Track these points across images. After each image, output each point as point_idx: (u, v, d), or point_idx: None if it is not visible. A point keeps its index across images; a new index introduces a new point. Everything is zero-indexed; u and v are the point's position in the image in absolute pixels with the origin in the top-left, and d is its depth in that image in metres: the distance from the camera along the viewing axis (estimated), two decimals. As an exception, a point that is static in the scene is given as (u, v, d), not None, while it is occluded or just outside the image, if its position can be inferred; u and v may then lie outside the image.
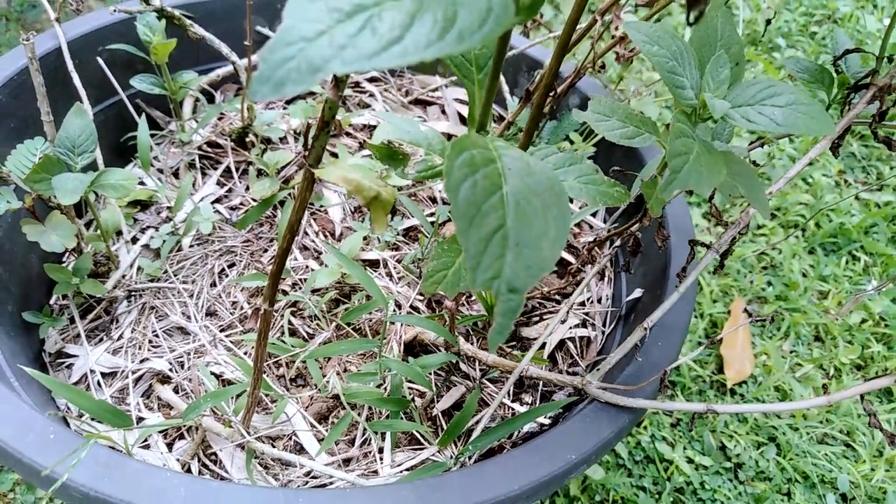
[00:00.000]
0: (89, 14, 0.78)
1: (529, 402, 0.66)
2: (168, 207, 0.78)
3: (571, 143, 0.77)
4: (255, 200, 0.81)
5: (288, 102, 0.92)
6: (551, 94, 0.76)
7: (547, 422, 0.64)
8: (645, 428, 1.26)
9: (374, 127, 0.90)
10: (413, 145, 0.44)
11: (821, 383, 1.27)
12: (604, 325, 0.72)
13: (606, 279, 0.76)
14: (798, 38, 2.00)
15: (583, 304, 0.74)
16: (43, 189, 0.60)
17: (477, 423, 0.62)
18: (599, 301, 0.74)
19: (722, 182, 0.44)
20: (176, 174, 0.84)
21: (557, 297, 0.75)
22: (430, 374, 0.67)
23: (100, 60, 0.77)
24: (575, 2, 0.50)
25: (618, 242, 0.62)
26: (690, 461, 1.13)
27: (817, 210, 1.51)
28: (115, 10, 0.67)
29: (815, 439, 1.17)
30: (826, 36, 1.96)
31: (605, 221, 0.83)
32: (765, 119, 0.43)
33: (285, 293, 0.72)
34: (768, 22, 0.68)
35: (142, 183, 0.82)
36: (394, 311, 0.71)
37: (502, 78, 0.96)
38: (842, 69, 0.58)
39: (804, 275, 1.53)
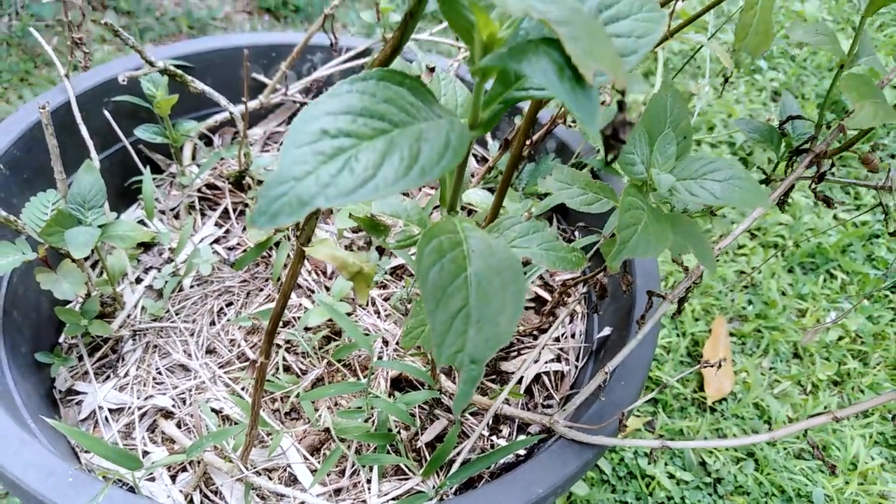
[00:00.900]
0: (96, 67, 0.84)
1: (507, 433, 0.72)
2: (171, 249, 0.83)
3: (545, 196, 0.83)
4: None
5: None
6: (528, 141, 0.81)
7: (523, 452, 0.69)
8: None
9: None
10: (394, 217, 0.49)
11: (798, 399, 1.33)
12: (577, 360, 0.77)
13: (580, 316, 0.81)
14: (779, 59, 2.06)
15: (557, 339, 0.79)
16: (56, 241, 0.66)
17: (458, 454, 0.67)
18: (573, 337, 0.80)
19: (671, 244, 0.50)
20: (176, 215, 0.89)
21: (535, 333, 0.80)
22: (416, 407, 0.72)
23: (106, 113, 0.83)
24: None
25: (586, 287, 0.67)
26: (671, 476, 1.18)
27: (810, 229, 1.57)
28: (124, 80, 0.73)
29: (792, 454, 1.23)
30: (807, 58, 2.02)
31: (580, 257, 0.89)
32: (705, 193, 0.49)
33: (279, 334, 0.77)
34: (726, 79, 0.74)
35: (142, 223, 0.87)
36: (381, 348, 0.76)
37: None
38: (787, 132, 0.63)
39: (783, 293, 1.59)
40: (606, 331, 0.74)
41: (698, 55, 2.06)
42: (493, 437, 0.71)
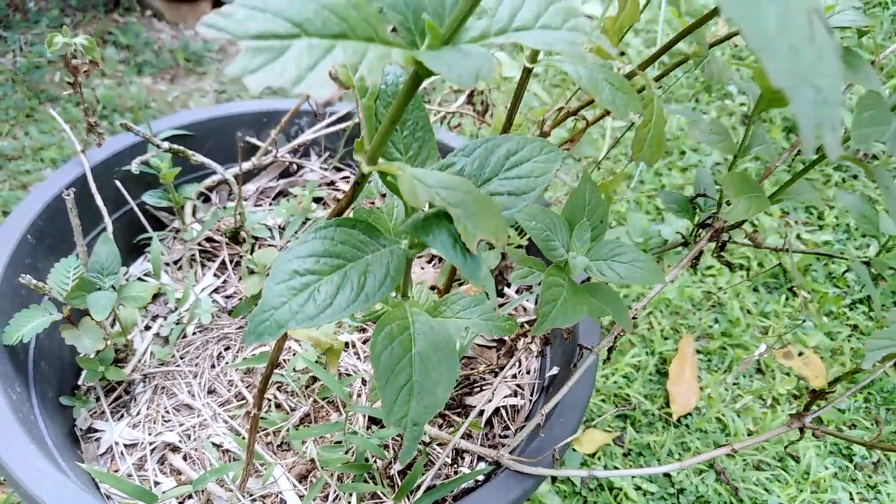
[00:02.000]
0: (108, 140, 0.95)
1: (469, 461, 0.83)
2: (177, 299, 0.94)
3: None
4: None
5: (275, 198, 1.09)
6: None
7: (482, 477, 0.81)
8: (599, 458, 1.44)
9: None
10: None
11: (759, 413, 1.45)
12: (531, 395, 0.89)
13: (535, 353, 0.93)
14: (750, 83, 2.18)
15: (515, 376, 0.91)
16: (79, 304, 0.77)
17: (425, 481, 0.78)
18: (528, 373, 0.91)
19: (590, 308, 0.62)
20: (179, 266, 1.00)
21: (496, 370, 0.92)
22: (390, 440, 0.84)
23: (117, 182, 0.94)
24: (506, 113, 0.68)
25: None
26: (638, 488, 1.30)
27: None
28: (138, 165, 0.84)
29: (752, 465, 1.35)
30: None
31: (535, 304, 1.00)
32: (612, 273, 0.61)
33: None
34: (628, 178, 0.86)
35: (149, 275, 0.99)
36: (360, 387, 0.87)
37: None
38: (698, 206, 0.75)
39: (748, 312, 1.71)
40: (555, 370, 0.86)
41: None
42: (457, 465, 0.82)
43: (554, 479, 1.21)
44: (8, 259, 0.78)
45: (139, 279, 0.99)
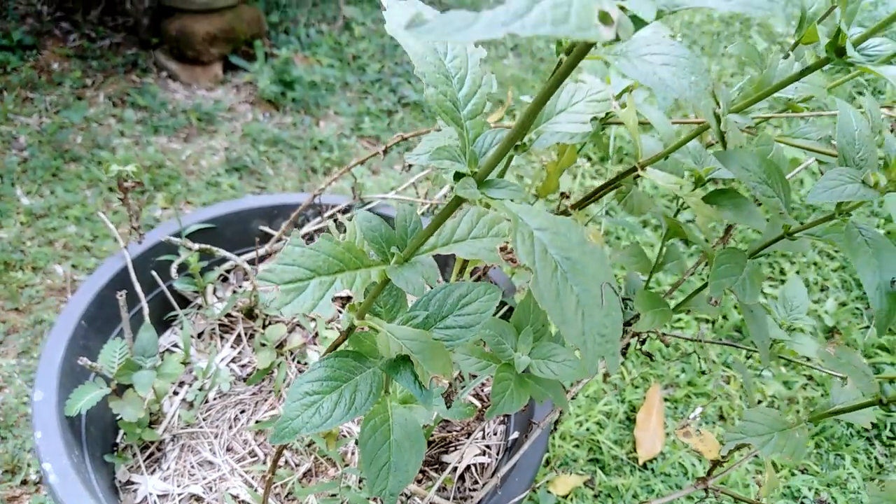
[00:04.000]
0: (147, 235, 1.14)
1: (443, 511, 1.00)
2: (200, 369, 1.12)
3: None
4: (258, 359, 1.15)
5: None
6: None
7: (454, 525, 0.98)
8: (571, 499, 1.62)
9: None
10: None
11: (719, 456, 1.62)
12: (497, 454, 1.06)
13: (500, 419, 1.11)
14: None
15: (484, 437, 1.08)
16: (125, 381, 0.95)
17: (406, 528, 0.95)
18: (496, 434, 1.08)
19: (534, 392, 0.79)
20: (201, 337, 1.18)
21: (470, 431, 1.09)
22: (377, 492, 1.01)
23: (153, 273, 1.13)
24: (460, 264, 0.86)
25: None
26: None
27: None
28: (175, 275, 1.02)
29: (702, 507, 1.51)
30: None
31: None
32: (548, 370, 0.78)
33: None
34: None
35: (177, 345, 1.17)
36: (354, 447, 1.05)
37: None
38: (626, 306, 0.93)
39: (713, 361, 1.89)
40: (515, 434, 1.03)
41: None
42: (433, 514, 0.99)
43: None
44: (67, 343, 0.96)
45: (168, 350, 1.17)
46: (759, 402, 1.79)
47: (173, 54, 2.74)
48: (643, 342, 0.88)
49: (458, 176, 0.43)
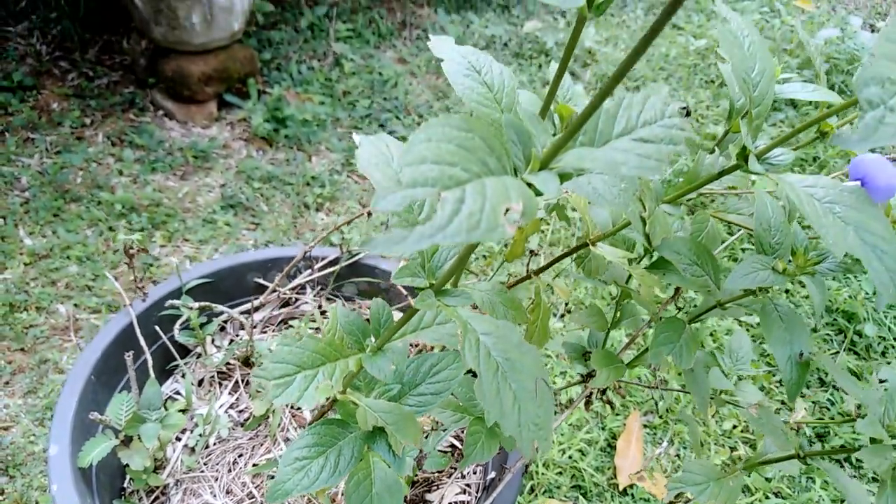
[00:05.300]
0: (150, 291, 1.22)
1: (426, 546, 1.09)
2: (201, 416, 1.20)
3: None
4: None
5: (278, 325, 1.37)
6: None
7: (436, 560, 1.06)
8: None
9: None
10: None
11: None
12: (476, 492, 1.15)
13: (481, 457, 1.19)
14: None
15: (464, 476, 1.17)
16: (132, 433, 1.03)
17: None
18: (475, 473, 1.17)
19: (503, 441, 0.88)
20: (201, 384, 1.27)
21: (451, 471, 1.18)
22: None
23: (157, 328, 1.21)
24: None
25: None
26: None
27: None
28: (180, 331, 1.11)
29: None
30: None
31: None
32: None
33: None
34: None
35: (178, 393, 1.25)
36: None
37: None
38: (587, 357, 1.02)
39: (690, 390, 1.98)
40: (493, 473, 1.12)
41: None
42: (417, 550, 1.08)
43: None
44: (78, 398, 1.05)
45: (171, 396, 1.25)
46: (734, 427, 1.87)
47: (169, 93, 2.83)
48: (603, 392, 0.98)
49: (418, 290, 0.52)
